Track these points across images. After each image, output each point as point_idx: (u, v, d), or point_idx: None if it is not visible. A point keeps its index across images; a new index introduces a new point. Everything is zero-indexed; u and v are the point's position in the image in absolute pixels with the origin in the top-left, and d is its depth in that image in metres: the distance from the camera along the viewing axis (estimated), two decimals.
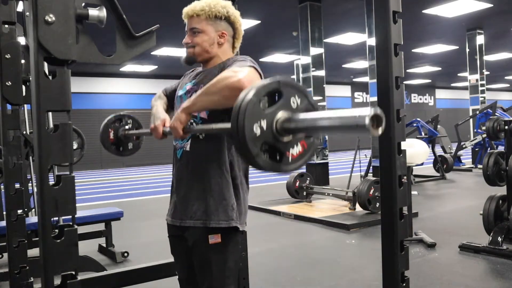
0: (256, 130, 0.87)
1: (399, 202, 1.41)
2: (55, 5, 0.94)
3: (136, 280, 2.42)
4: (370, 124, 0.73)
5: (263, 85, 0.90)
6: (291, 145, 0.93)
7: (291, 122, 0.89)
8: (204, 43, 1.60)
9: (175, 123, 1.45)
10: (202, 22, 1.59)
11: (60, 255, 0.97)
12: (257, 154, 0.89)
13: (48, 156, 0.95)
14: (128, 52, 1.15)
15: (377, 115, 0.74)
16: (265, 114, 0.89)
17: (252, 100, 0.88)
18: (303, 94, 0.94)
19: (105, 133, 1.90)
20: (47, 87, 0.95)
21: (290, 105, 0.91)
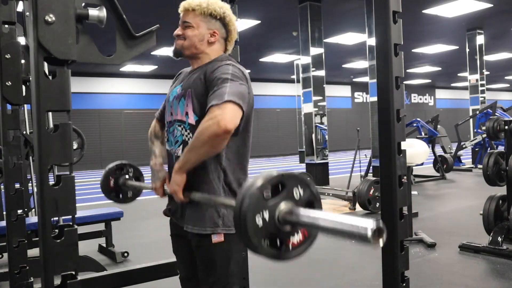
0: (258, 222, 0.89)
1: (399, 202, 1.41)
2: (55, 5, 0.94)
3: (136, 280, 2.42)
4: (372, 236, 0.73)
5: (267, 179, 0.91)
6: (291, 234, 0.94)
7: (293, 215, 0.90)
8: (194, 38, 1.59)
9: (174, 187, 1.48)
10: (196, 18, 1.59)
11: (60, 255, 0.97)
12: (259, 245, 0.91)
13: (48, 156, 0.95)
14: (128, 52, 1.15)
15: (379, 229, 0.74)
16: (267, 205, 0.90)
17: (256, 193, 0.89)
18: (306, 185, 0.96)
19: (105, 180, 1.92)
20: (47, 87, 0.95)
21: (293, 195, 0.93)
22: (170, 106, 1.65)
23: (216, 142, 1.39)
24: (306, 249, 0.98)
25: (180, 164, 1.47)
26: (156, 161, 1.72)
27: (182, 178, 1.47)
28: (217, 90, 1.44)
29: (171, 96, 1.67)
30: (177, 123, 1.60)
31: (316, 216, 0.87)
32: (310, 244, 0.98)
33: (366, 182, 5.41)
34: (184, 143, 1.57)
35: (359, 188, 5.40)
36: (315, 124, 8.97)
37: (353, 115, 21.21)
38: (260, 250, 0.91)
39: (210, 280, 1.56)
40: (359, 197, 5.35)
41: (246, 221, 0.88)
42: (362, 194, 5.30)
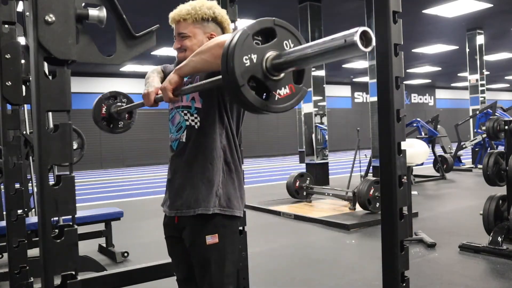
0: (245, 61, 0.88)
1: (399, 202, 1.41)
2: (55, 5, 0.94)
3: (136, 280, 2.42)
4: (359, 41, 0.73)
5: (257, 21, 0.91)
6: (279, 86, 0.93)
7: (281, 58, 0.89)
8: (194, 46, 1.58)
9: (166, 84, 1.47)
10: (190, 26, 1.59)
11: (60, 255, 0.97)
12: (243, 85, 0.88)
13: (48, 156, 0.95)
14: (128, 52, 1.15)
15: (366, 31, 0.74)
16: (256, 48, 0.89)
17: (245, 32, 0.88)
18: (297, 39, 0.95)
19: (97, 107, 1.90)
20: (47, 87, 0.94)
21: (282, 47, 0.92)
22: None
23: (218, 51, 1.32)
24: (293, 105, 0.97)
25: (180, 66, 1.47)
26: (153, 77, 1.72)
27: (178, 78, 1.47)
28: None
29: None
30: (181, 109, 1.61)
31: (303, 46, 0.87)
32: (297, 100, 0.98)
33: (366, 182, 5.41)
34: (188, 128, 1.58)
35: (359, 188, 5.40)
36: (315, 124, 8.98)
37: (353, 115, 21.21)
38: (245, 91, 0.88)
39: (206, 281, 1.55)
40: (359, 197, 5.35)
41: (233, 58, 0.86)
42: (362, 194, 5.30)
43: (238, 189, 1.62)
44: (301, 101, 0.99)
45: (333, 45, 0.78)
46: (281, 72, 0.93)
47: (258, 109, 0.92)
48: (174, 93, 1.47)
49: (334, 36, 0.78)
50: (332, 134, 12.82)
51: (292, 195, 6.69)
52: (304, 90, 0.98)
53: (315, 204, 6.45)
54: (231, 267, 1.58)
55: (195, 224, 1.55)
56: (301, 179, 6.72)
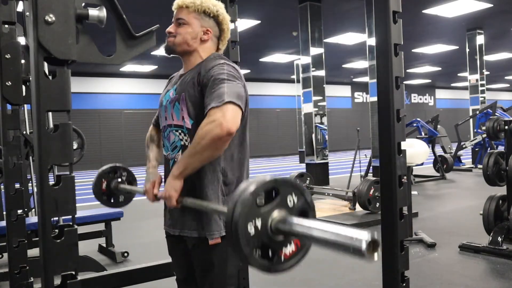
0: (250, 230, 0.86)
1: (399, 202, 1.41)
2: (55, 5, 0.94)
3: (136, 280, 2.42)
4: (366, 249, 0.71)
5: (260, 184, 0.88)
6: (284, 244, 0.91)
7: (285, 224, 0.87)
8: (187, 35, 1.58)
9: (171, 193, 1.45)
10: (189, 15, 1.58)
11: (60, 255, 0.97)
12: (250, 254, 0.87)
13: (48, 156, 0.95)
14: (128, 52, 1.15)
15: (374, 241, 0.72)
16: (260, 212, 0.87)
17: (248, 200, 0.86)
18: (300, 192, 0.93)
19: (98, 182, 1.91)
20: (47, 87, 0.94)
21: (286, 203, 0.89)
22: (164, 111, 1.63)
23: (218, 145, 1.37)
24: (299, 261, 0.94)
25: (180, 170, 1.43)
26: (149, 165, 1.72)
27: (180, 184, 1.45)
28: (214, 92, 1.41)
29: (164, 100, 1.64)
30: (174, 128, 1.58)
31: (310, 225, 0.84)
32: (302, 256, 0.94)
33: (366, 182, 5.41)
34: (182, 147, 1.55)
35: (359, 188, 5.40)
36: (315, 124, 8.98)
37: (353, 115, 21.21)
38: (251, 260, 0.88)
39: (208, 282, 1.55)
40: (359, 197, 5.35)
41: (237, 228, 0.85)
42: (362, 194, 5.30)
43: None
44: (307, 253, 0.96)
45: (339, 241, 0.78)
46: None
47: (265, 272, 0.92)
48: (178, 202, 1.45)
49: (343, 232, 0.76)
50: (332, 134, 12.82)
51: None
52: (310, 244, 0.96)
53: (315, 204, 6.44)
54: (233, 268, 1.58)
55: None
56: (301, 179, 6.72)
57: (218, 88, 1.42)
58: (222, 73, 1.46)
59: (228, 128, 1.34)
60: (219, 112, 1.36)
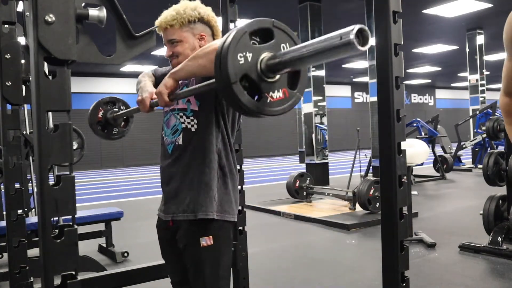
0: (240, 59, 0.85)
1: (399, 202, 1.41)
2: (55, 5, 0.94)
3: (136, 280, 2.42)
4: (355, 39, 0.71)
5: (256, 20, 0.88)
6: (272, 89, 0.90)
7: (276, 58, 0.87)
8: (186, 51, 1.56)
9: (161, 88, 1.45)
10: (178, 31, 1.56)
11: (60, 255, 0.97)
12: (235, 82, 0.86)
13: (48, 156, 0.95)
14: (128, 52, 1.15)
15: (362, 29, 0.71)
16: (252, 47, 0.87)
17: (242, 29, 0.86)
18: (295, 43, 0.93)
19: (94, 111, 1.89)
20: (47, 87, 0.94)
21: (279, 49, 0.89)
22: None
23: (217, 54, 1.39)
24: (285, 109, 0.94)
25: (176, 69, 1.45)
26: (146, 82, 1.72)
27: (173, 82, 1.44)
28: None
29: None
30: (176, 111, 1.59)
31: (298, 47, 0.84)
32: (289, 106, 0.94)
33: (366, 182, 5.41)
34: (184, 131, 1.56)
35: (359, 188, 5.40)
36: (315, 124, 8.98)
37: (353, 115, 21.21)
38: (235, 87, 0.86)
39: (200, 283, 1.54)
40: (359, 197, 5.35)
41: (227, 54, 0.84)
42: (362, 194, 5.30)
43: (233, 194, 1.60)
44: (294, 107, 0.97)
45: (328, 44, 0.77)
46: (276, 74, 0.91)
47: (249, 109, 0.89)
48: (170, 97, 1.45)
49: (329, 35, 0.76)
50: (332, 134, 12.82)
51: (292, 195, 6.68)
52: (298, 96, 0.96)
53: (315, 204, 6.45)
54: (225, 270, 1.58)
55: (190, 226, 1.54)
56: (301, 179, 6.72)
57: None
58: None
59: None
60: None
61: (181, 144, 1.57)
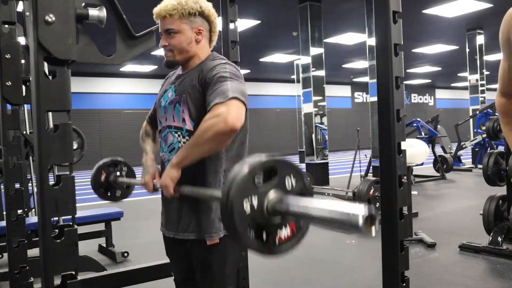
0: (246, 208, 0.84)
1: (399, 202, 1.41)
2: (55, 5, 0.94)
3: (136, 280, 2.42)
4: (363, 224, 0.70)
5: (259, 163, 0.86)
6: (279, 227, 0.89)
7: (282, 204, 0.85)
8: (182, 44, 1.53)
9: (166, 180, 1.42)
10: (177, 22, 1.52)
11: (60, 255, 0.97)
12: (244, 233, 0.85)
13: (48, 156, 0.95)
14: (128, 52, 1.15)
15: (371, 216, 0.70)
16: (257, 191, 0.86)
17: (245, 176, 0.84)
18: (299, 175, 0.91)
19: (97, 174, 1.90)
20: (47, 87, 0.94)
21: (284, 185, 0.88)
22: (163, 112, 1.61)
23: (221, 140, 1.35)
24: (294, 246, 0.93)
25: (178, 159, 1.41)
26: (147, 157, 1.70)
27: (177, 173, 1.42)
28: (218, 88, 1.40)
29: (163, 100, 1.62)
30: (174, 129, 1.56)
31: (306, 205, 0.82)
32: (298, 241, 0.93)
33: (366, 182, 5.41)
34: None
35: (359, 188, 5.40)
36: (315, 124, 8.98)
37: (353, 115, 21.21)
38: (245, 239, 0.85)
39: (207, 282, 1.54)
40: (359, 197, 5.35)
41: (233, 205, 0.83)
42: (362, 194, 5.30)
43: None
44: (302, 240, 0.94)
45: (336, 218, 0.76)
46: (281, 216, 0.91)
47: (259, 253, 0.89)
48: (175, 190, 1.43)
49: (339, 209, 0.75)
50: (332, 134, 12.81)
51: None
52: (306, 228, 0.94)
53: None
54: (232, 267, 1.58)
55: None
56: None
57: (222, 85, 1.40)
58: (225, 71, 1.45)
59: (233, 124, 1.31)
60: (224, 107, 1.34)
61: None
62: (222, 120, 1.31)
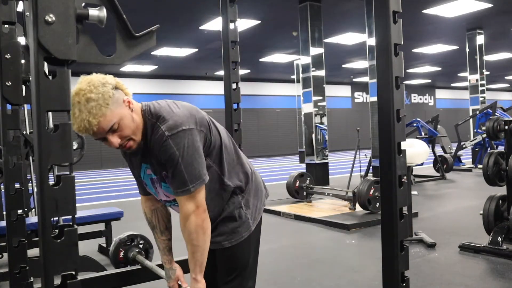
0: None
1: (399, 202, 1.41)
2: (55, 5, 0.94)
3: (136, 280, 2.42)
4: None
5: None
6: None
7: None
8: (132, 126, 1.42)
9: None
10: (108, 115, 1.35)
11: (60, 255, 0.96)
12: None
13: (48, 156, 0.95)
14: (128, 52, 1.15)
15: None
16: None
17: None
18: None
19: (115, 252, 1.94)
20: (47, 87, 0.94)
21: None
22: (153, 189, 1.64)
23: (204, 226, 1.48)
24: None
25: (197, 270, 1.51)
26: (164, 259, 1.78)
27: (203, 283, 1.53)
28: (175, 176, 1.44)
29: (146, 180, 1.62)
30: (173, 203, 1.61)
31: None
32: None
33: (366, 182, 5.41)
34: None
35: (359, 188, 5.40)
36: (315, 124, 8.98)
37: (353, 115, 21.21)
38: None
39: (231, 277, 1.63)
40: (359, 197, 5.35)
41: None
42: (362, 194, 5.30)
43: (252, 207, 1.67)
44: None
45: None
46: None
47: None
48: None
49: None
50: (332, 134, 12.81)
51: (292, 195, 6.68)
52: None
53: (315, 204, 6.45)
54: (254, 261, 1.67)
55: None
56: (301, 179, 6.72)
57: (177, 173, 1.43)
58: (172, 154, 1.41)
59: (203, 211, 1.46)
60: (190, 204, 1.45)
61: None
62: (193, 221, 1.45)
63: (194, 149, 1.43)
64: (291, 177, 6.71)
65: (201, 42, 11.28)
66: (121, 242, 1.94)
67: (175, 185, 1.45)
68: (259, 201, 1.70)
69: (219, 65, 3.25)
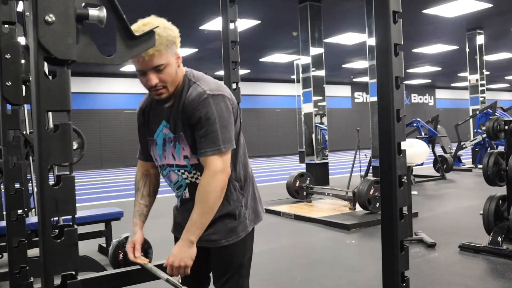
0: None
1: (399, 202, 1.41)
2: (55, 5, 0.94)
3: (136, 280, 2.42)
4: None
5: None
6: None
7: None
8: (173, 75, 1.47)
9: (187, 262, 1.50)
10: (164, 55, 1.43)
11: (60, 255, 0.96)
12: None
13: (48, 156, 0.95)
14: (128, 52, 1.15)
15: None
16: None
17: None
18: None
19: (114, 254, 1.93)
20: (47, 87, 0.94)
21: None
22: (161, 149, 1.59)
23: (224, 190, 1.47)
24: None
25: (196, 234, 1.47)
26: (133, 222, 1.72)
27: (194, 250, 1.49)
28: (208, 135, 1.43)
29: (159, 139, 1.59)
30: (175, 168, 1.57)
31: None
32: None
33: (366, 182, 5.41)
34: (189, 185, 1.58)
35: (359, 188, 5.40)
36: (315, 124, 8.98)
37: (353, 115, 21.21)
38: None
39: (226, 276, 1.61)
40: (359, 197, 5.35)
41: None
42: (362, 194, 5.30)
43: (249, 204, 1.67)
44: None
45: None
46: None
47: None
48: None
49: None
50: (332, 134, 12.82)
51: (292, 195, 6.68)
52: None
53: (315, 204, 6.45)
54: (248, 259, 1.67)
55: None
56: (301, 179, 6.72)
57: (211, 132, 1.43)
58: (209, 112, 1.43)
59: (227, 174, 1.45)
60: (218, 161, 1.43)
61: (189, 197, 1.59)
62: (220, 178, 1.43)
63: (230, 115, 1.49)
64: (291, 177, 6.71)
65: (201, 42, 11.28)
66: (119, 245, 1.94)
67: (205, 143, 1.43)
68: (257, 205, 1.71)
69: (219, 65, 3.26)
